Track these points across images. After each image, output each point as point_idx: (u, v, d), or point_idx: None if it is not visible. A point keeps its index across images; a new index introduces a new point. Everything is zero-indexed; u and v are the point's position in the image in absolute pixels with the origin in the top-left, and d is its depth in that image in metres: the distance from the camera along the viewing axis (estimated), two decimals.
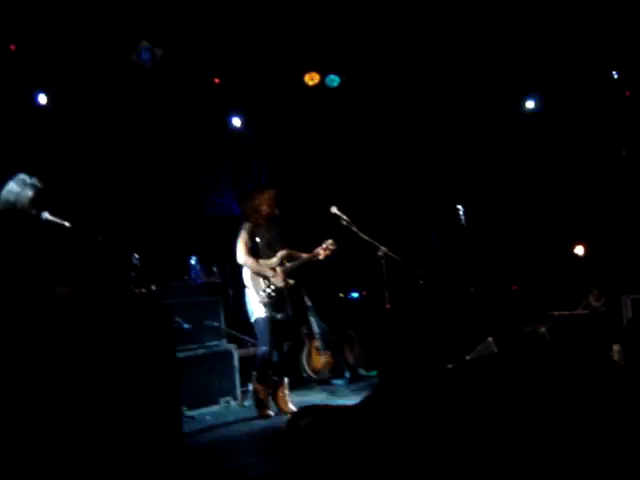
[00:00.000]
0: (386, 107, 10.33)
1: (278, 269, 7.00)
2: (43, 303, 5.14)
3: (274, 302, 6.87)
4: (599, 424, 4.86)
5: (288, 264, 7.08)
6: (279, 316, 6.95)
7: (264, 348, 6.93)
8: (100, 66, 8.37)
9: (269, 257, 7.04)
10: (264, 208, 7.05)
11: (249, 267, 6.97)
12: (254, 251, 7.03)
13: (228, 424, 6.99)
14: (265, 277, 6.92)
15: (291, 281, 7.11)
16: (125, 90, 8.72)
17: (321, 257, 7.17)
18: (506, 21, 9.14)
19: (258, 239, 7.03)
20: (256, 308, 6.94)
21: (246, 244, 7.00)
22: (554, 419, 5.16)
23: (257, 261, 6.98)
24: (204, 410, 7.48)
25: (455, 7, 8.83)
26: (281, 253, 7.06)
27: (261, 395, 7.05)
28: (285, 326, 7.05)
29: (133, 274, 6.68)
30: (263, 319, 6.88)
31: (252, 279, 6.97)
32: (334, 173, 10.34)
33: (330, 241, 7.18)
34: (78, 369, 4.94)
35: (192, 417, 7.09)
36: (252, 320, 7.01)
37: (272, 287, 6.85)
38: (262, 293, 6.84)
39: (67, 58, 8.11)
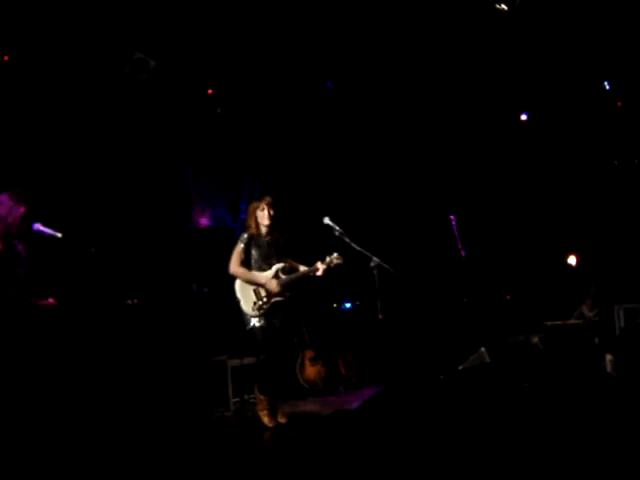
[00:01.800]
0: (377, 115, 10.36)
1: (273, 281, 6.92)
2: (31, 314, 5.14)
3: (267, 313, 6.82)
4: (591, 433, 4.86)
5: (284, 276, 6.98)
6: (274, 325, 6.89)
7: (263, 357, 6.87)
8: (94, 77, 8.38)
9: (264, 270, 6.97)
10: (260, 216, 6.99)
11: (239, 276, 6.91)
12: (248, 263, 6.97)
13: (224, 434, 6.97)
14: (256, 287, 6.86)
15: (287, 294, 6.99)
16: (119, 101, 8.73)
17: (319, 273, 7.04)
18: (500, 33, 9.18)
19: (254, 251, 6.98)
20: (251, 317, 6.87)
21: (239, 255, 6.94)
22: (547, 429, 5.16)
23: (249, 271, 6.93)
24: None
25: (447, 17, 8.88)
26: (277, 265, 6.98)
27: (262, 406, 6.97)
28: (280, 336, 6.99)
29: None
30: (259, 328, 6.82)
31: (242, 291, 6.90)
32: (326, 184, 10.35)
33: (335, 255, 7.02)
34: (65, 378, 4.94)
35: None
36: (248, 329, 6.93)
37: (264, 299, 6.79)
38: (253, 305, 6.79)
39: (63, 68, 8.12)
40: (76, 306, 6.65)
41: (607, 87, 9.97)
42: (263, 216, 6.96)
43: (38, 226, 6.11)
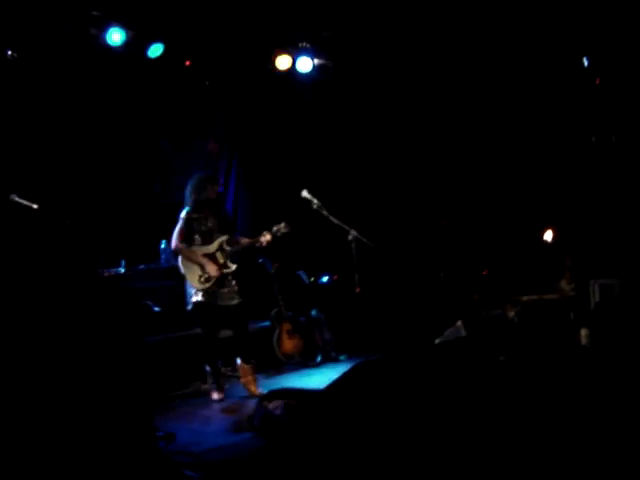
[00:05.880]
0: (356, 90, 10.35)
1: (218, 254, 6.93)
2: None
3: (212, 289, 6.85)
4: (566, 407, 4.91)
5: (229, 248, 7.01)
6: (219, 302, 6.91)
7: (203, 332, 6.98)
8: (72, 47, 8.27)
9: (208, 243, 6.98)
10: (211, 191, 7.01)
11: (181, 254, 6.95)
12: (191, 238, 6.97)
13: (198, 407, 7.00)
14: (199, 264, 6.87)
15: (233, 266, 7.01)
16: (96, 72, 8.63)
17: (264, 243, 7.06)
18: (479, 9, 9.17)
19: (197, 226, 6.99)
20: (194, 293, 6.94)
21: (182, 231, 6.95)
22: (522, 402, 5.20)
23: (190, 248, 6.93)
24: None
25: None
26: (221, 238, 7.00)
27: (248, 375, 7.02)
28: (228, 312, 6.98)
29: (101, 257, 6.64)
30: (199, 303, 6.87)
31: (185, 266, 6.95)
32: (304, 156, 10.32)
33: (282, 224, 7.06)
34: (39, 353, 4.89)
35: None
36: (189, 306, 7.02)
37: (206, 275, 6.81)
38: (199, 278, 6.82)
39: (37, 38, 7.99)
40: (51, 278, 6.61)
41: (585, 63, 9.96)
42: (213, 191, 6.97)
43: (14, 197, 6.06)
